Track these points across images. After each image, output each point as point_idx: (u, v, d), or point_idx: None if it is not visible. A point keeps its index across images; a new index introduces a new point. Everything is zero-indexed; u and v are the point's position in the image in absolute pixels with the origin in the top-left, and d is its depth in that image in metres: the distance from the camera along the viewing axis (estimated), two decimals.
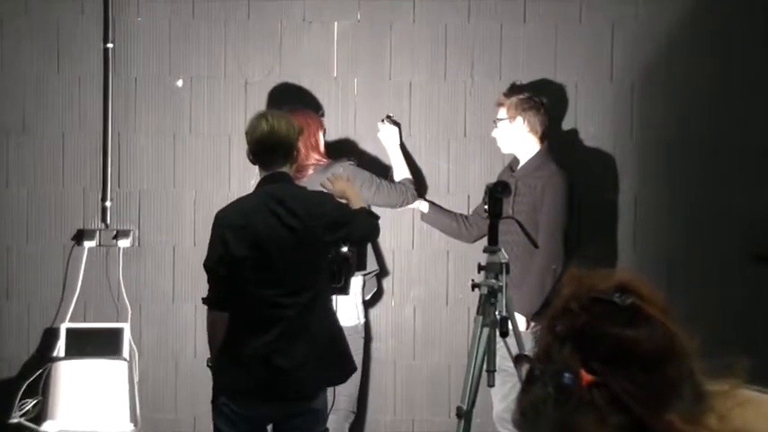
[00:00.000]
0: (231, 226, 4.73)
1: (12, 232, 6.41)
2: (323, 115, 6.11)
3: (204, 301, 4.85)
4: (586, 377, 1.66)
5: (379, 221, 5.15)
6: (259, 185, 4.84)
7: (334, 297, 5.05)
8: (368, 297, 6.11)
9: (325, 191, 5.12)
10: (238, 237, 4.69)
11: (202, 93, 6.33)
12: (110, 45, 6.29)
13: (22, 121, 6.30)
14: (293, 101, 6.09)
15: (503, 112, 5.95)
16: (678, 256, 6.38)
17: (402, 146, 6.26)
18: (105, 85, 6.32)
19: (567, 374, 1.67)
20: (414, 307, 6.40)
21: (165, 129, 6.27)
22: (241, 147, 5.31)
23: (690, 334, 1.76)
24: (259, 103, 6.20)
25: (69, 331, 6.21)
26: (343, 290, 5.07)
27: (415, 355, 6.41)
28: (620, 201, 6.39)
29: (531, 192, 5.88)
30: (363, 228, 4.96)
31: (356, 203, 5.07)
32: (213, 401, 4.82)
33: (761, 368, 1.88)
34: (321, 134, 5.92)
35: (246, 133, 4.82)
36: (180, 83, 6.32)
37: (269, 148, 4.76)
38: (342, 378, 5.02)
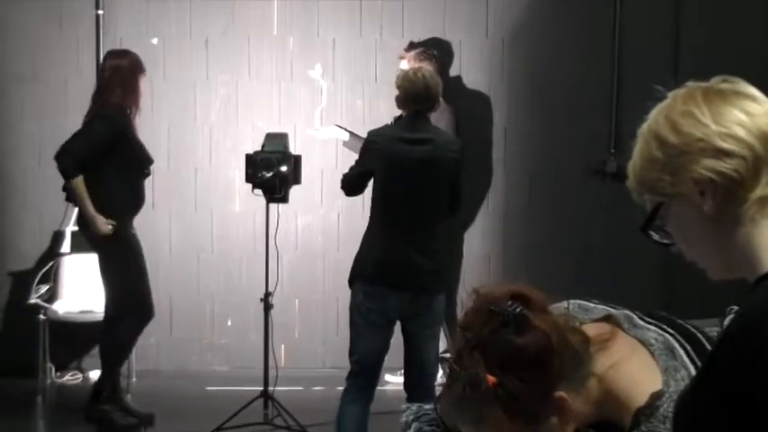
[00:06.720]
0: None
1: (26, 158, 7.17)
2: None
3: None
4: (491, 379, 1.79)
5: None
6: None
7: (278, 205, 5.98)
8: None
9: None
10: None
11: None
12: (100, 12, 7.11)
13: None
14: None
15: (404, 64, 6.76)
16: (537, 174, 7.23)
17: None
18: (97, 45, 7.18)
19: (475, 377, 1.81)
20: (337, 214, 7.30)
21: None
22: (212, 93, 6.45)
23: (572, 326, 1.89)
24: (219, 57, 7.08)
25: (73, 233, 6.80)
26: (284, 200, 5.99)
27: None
28: (494, 131, 7.26)
29: None
30: None
31: None
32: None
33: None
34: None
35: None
36: (155, 41, 7.15)
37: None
38: None
